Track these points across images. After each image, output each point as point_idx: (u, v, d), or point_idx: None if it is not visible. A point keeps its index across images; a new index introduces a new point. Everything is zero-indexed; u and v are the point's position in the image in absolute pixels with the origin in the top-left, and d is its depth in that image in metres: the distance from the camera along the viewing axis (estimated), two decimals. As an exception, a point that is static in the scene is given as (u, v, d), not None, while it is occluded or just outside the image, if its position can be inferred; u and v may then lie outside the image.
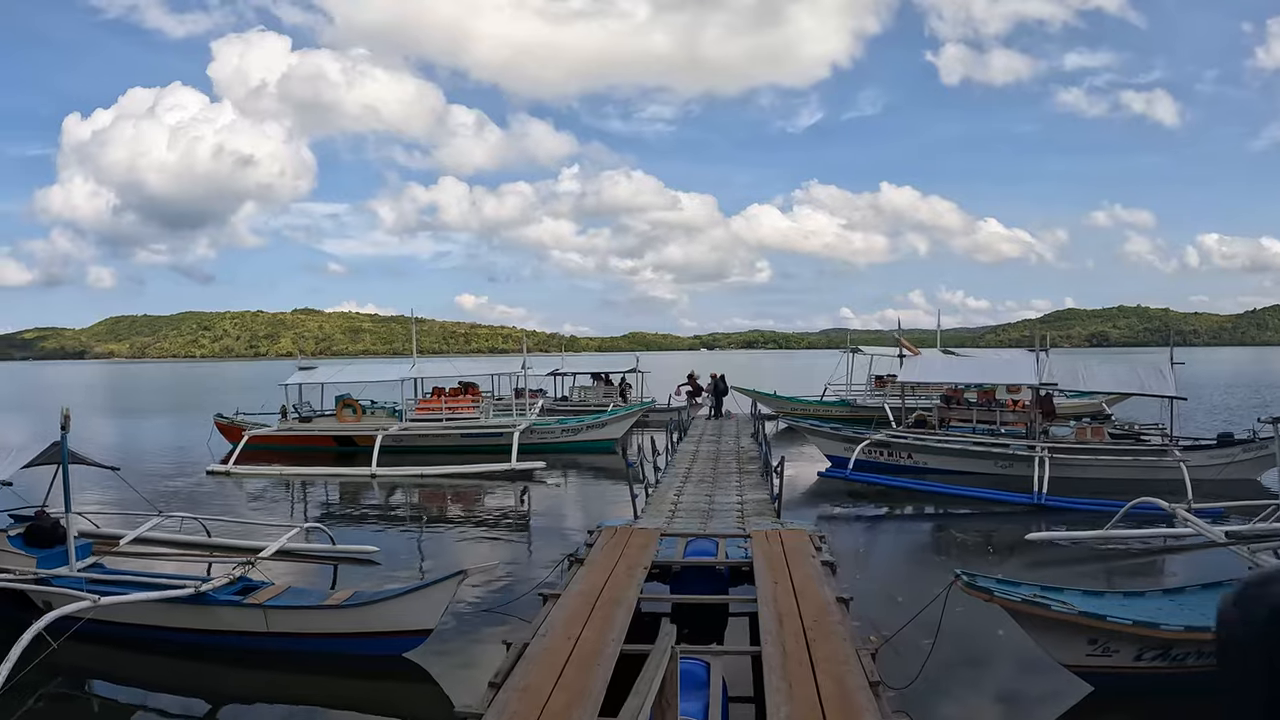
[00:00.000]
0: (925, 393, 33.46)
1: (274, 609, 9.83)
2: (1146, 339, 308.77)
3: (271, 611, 9.80)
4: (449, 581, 9.47)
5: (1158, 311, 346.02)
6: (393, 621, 9.60)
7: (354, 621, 9.73)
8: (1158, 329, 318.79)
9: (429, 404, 28.93)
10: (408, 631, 9.58)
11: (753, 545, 11.46)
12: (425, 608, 9.52)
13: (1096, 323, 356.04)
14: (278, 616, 9.81)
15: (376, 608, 9.67)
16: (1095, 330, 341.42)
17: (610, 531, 12.36)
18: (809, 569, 10.12)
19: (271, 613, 9.80)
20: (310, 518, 18.78)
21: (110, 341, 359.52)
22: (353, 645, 9.73)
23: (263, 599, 9.97)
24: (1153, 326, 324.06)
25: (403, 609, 9.57)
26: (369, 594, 10.19)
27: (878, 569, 13.59)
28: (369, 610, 9.69)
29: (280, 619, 9.81)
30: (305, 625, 9.82)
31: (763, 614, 8.41)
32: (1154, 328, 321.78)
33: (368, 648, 9.68)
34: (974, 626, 9.68)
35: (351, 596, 10.17)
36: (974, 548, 14.73)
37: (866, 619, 10.03)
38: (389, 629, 9.62)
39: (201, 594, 9.73)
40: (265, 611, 9.79)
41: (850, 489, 20.36)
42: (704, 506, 15.59)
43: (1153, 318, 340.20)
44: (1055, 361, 22.75)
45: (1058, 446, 20.60)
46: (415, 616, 9.54)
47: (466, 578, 9.51)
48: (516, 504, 20.81)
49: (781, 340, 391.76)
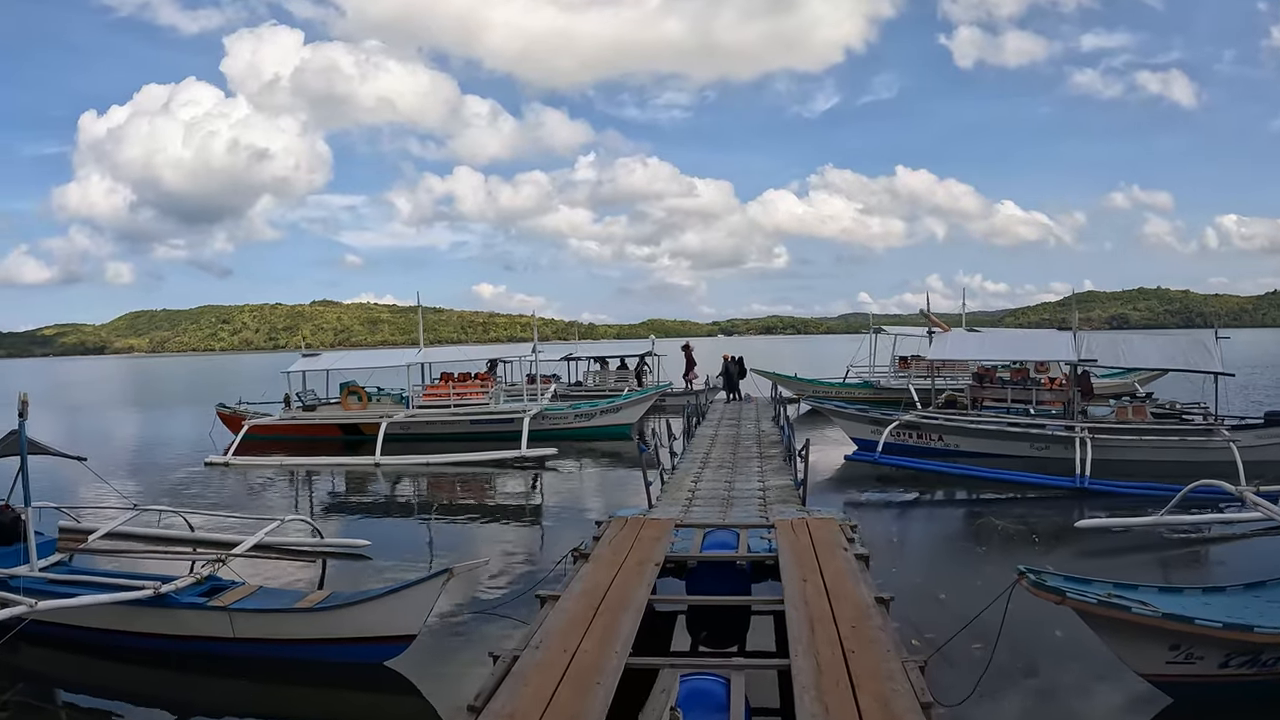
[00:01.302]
0: (950, 373, 32.32)
1: (240, 612, 8.89)
2: (1167, 321, 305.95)
3: (237, 615, 8.86)
4: (432, 582, 8.45)
5: (1178, 293, 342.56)
6: (370, 626, 8.60)
7: (327, 626, 8.74)
8: (1178, 311, 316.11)
9: (436, 390, 27.86)
10: (387, 638, 8.59)
11: (777, 536, 10.34)
12: (406, 611, 8.52)
13: (1116, 305, 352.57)
14: (244, 620, 8.86)
15: (352, 611, 8.68)
16: (1115, 312, 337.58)
17: (620, 523, 11.26)
18: (841, 563, 8.98)
19: (238, 616, 8.86)
20: (310, 510, 17.89)
21: (130, 336, 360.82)
22: (327, 652, 8.76)
23: (228, 601, 9.03)
24: (1173, 308, 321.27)
25: (381, 613, 8.57)
26: (345, 596, 9.21)
27: (915, 561, 12.39)
28: (344, 614, 8.70)
29: (247, 623, 8.86)
30: (274, 630, 8.87)
31: (791, 618, 7.27)
32: (1174, 310, 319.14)
33: (344, 655, 8.70)
34: (1027, 626, 8.51)
35: (327, 598, 9.20)
36: (1016, 536, 13.53)
37: (907, 621, 8.93)
38: (366, 635, 8.62)
39: (162, 596, 8.82)
40: (230, 615, 8.85)
41: (879, 473, 19.22)
42: (723, 494, 14.53)
43: (1173, 300, 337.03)
44: (1093, 337, 21.49)
45: (1099, 426, 19.36)
46: (396, 621, 8.55)
47: (452, 577, 8.45)
48: (524, 493, 19.80)
49: (800, 325, 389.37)
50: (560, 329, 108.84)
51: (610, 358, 40.85)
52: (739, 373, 36.04)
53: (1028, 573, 7.04)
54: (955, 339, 23.27)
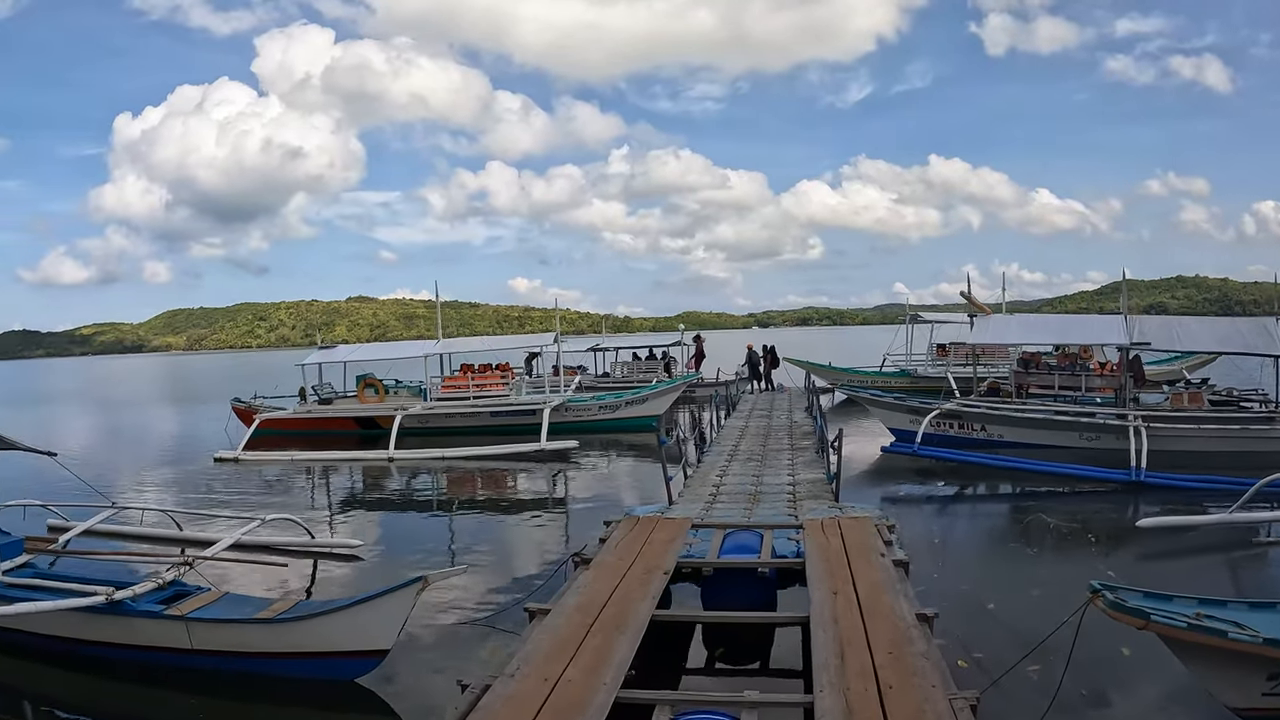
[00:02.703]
0: (991, 360, 30.96)
1: (198, 622, 8.01)
2: (1205, 309, 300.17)
3: (195, 625, 7.99)
4: (405, 592, 7.46)
5: (1216, 281, 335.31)
6: (338, 640, 7.66)
7: (292, 639, 7.83)
8: (1216, 299, 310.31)
9: (455, 381, 26.93)
10: (357, 652, 7.65)
11: (805, 539, 9.22)
12: (377, 624, 7.55)
13: (1154, 294, 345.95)
14: (203, 631, 7.99)
15: (317, 623, 7.74)
16: (1153, 301, 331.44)
17: (630, 523, 10.18)
18: (877, 572, 7.82)
19: (195, 626, 7.98)
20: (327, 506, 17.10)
21: (167, 335, 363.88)
22: (292, 667, 7.85)
23: (187, 610, 8.14)
24: (1211, 297, 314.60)
25: (350, 625, 7.61)
26: (311, 605, 8.32)
27: (959, 566, 11.09)
28: (308, 625, 7.76)
29: (205, 634, 7.99)
30: (235, 642, 7.98)
31: (818, 642, 6.13)
32: (1213, 298, 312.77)
33: (310, 670, 7.80)
34: (1089, 642, 7.35)
35: (292, 608, 8.26)
36: (1071, 536, 12.27)
37: (952, 636, 7.80)
38: (333, 649, 7.68)
39: (116, 603, 7.97)
40: (187, 624, 7.98)
41: (917, 466, 17.99)
42: (750, 489, 13.41)
43: (1211, 288, 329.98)
44: (1145, 320, 20.09)
45: (1155, 415, 18.01)
46: (366, 634, 7.59)
47: (427, 587, 7.48)
48: (540, 489, 18.81)
49: (836, 316, 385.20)
50: (595, 322, 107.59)
51: (639, 348, 39.92)
52: (772, 362, 34.98)
53: (1103, 591, 5.87)
54: (998, 323, 21.86)
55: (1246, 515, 12.12)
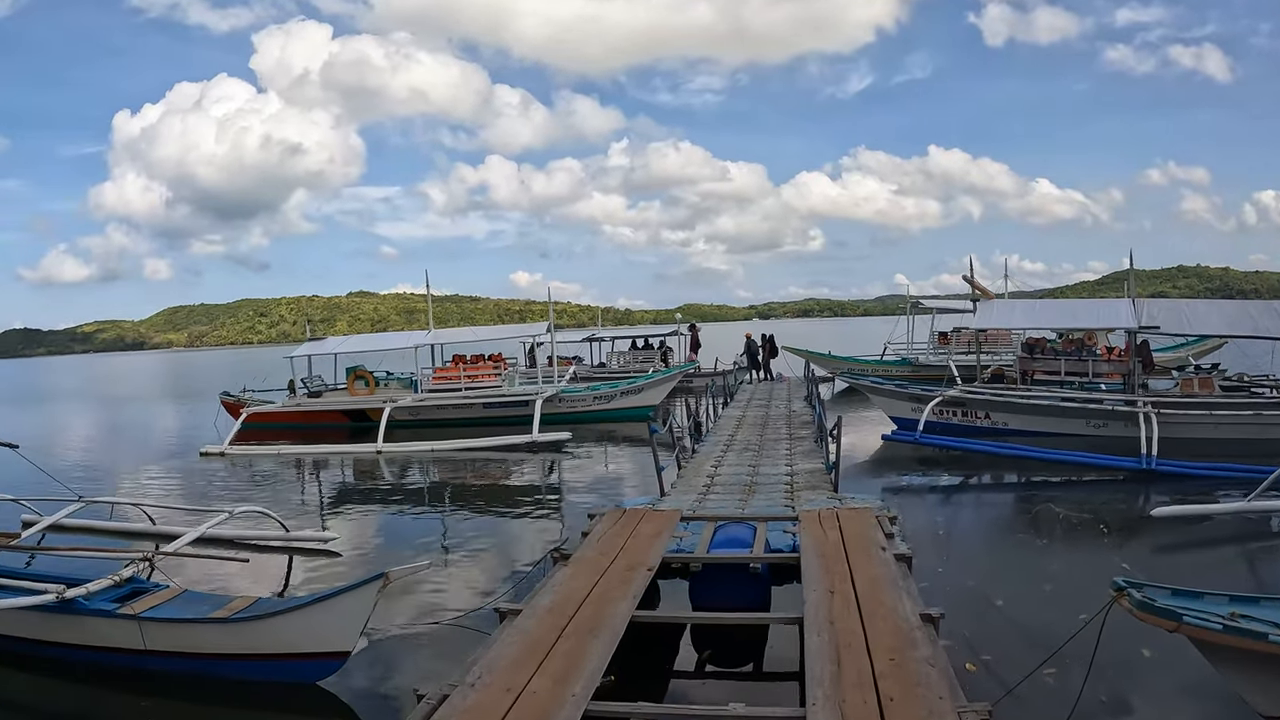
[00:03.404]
0: (993, 347, 30.41)
1: (151, 621, 7.50)
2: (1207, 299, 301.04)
3: (148, 624, 7.48)
4: (364, 590, 6.92)
5: (1217, 271, 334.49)
6: (296, 641, 7.13)
7: (247, 639, 7.31)
8: (1218, 289, 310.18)
9: (446, 372, 26.35)
10: (317, 654, 7.12)
11: (801, 532, 8.64)
12: (337, 624, 7.03)
13: (1156, 284, 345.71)
14: (156, 630, 7.48)
15: (274, 623, 7.21)
16: (1155, 291, 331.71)
17: (614, 516, 9.61)
18: (878, 567, 7.23)
19: (149, 625, 7.48)
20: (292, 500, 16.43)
21: (168, 331, 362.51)
22: (249, 669, 7.35)
23: (142, 608, 7.62)
24: (1213, 286, 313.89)
25: (308, 625, 7.09)
26: (268, 604, 7.74)
27: (965, 558, 10.49)
28: (265, 625, 7.24)
29: (159, 634, 7.49)
30: (189, 642, 7.47)
31: (811, 648, 5.52)
32: (1214, 288, 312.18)
33: (268, 673, 7.30)
34: (1106, 640, 6.84)
35: (249, 606, 7.71)
36: (1081, 526, 11.69)
37: (958, 636, 7.23)
38: (291, 650, 7.16)
39: (68, 601, 7.48)
40: (140, 624, 7.46)
41: (920, 455, 17.42)
42: (745, 479, 12.86)
43: (1212, 278, 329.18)
44: (1154, 302, 19.49)
45: (1166, 401, 17.42)
46: (325, 635, 7.07)
47: (388, 584, 6.92)
48: (530, 482, 18.22)
49: (837, 308, 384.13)
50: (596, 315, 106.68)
51: (636, 338, 39.39)
52: (770, 351, 34.42)
53: (1128, 589, 5.27)
54: (1002, 307, 21.23)
55: (1265, 504, 11.51)
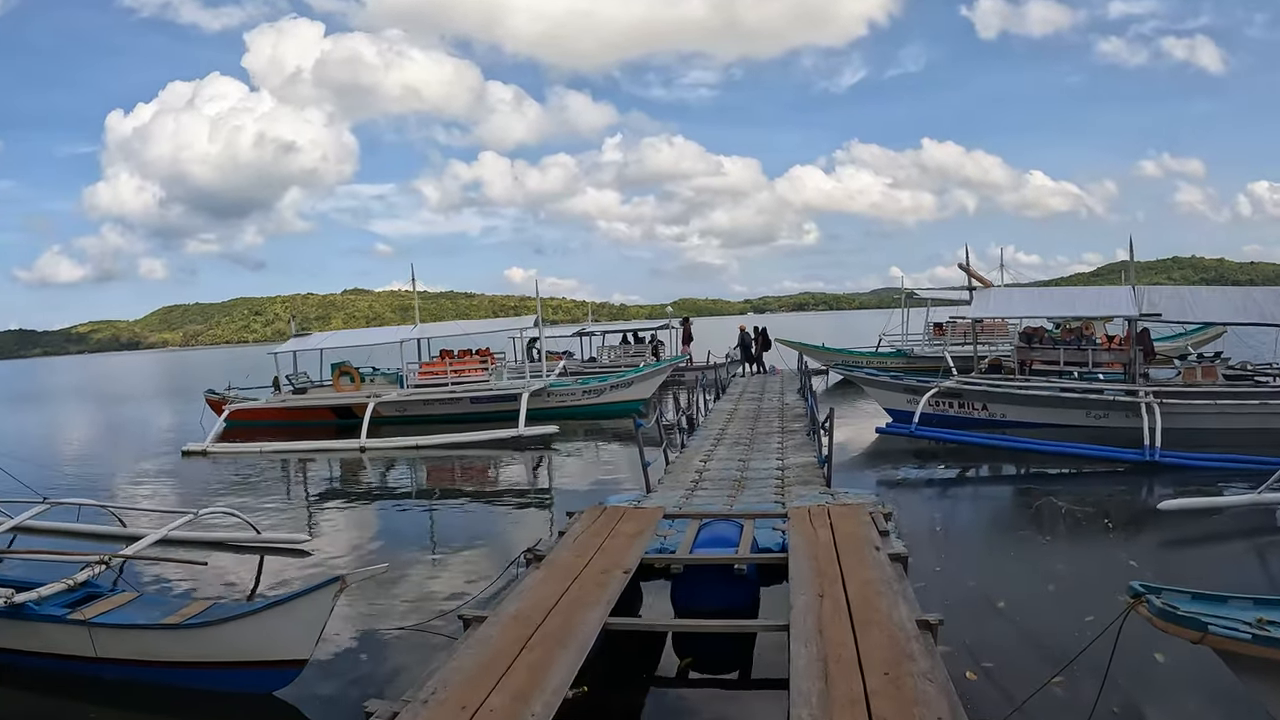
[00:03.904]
0: (989, 337, 29.90)
1: (102, 627, 7.07)
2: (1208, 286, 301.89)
3: (99, 630, 7.06)
4: (320, 594, 6.44)
5: (1212, 262, 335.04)
6: (249, 648, 6.68)
7: (199, 647, 6.86)
8: (1213, 280, 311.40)
9: (433, 367, 25.81)
10: (272, 662, 6.65)
11: (790, 530, 8.14)
12: (292, 630, 6.54)
13: (1151, 275, 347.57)
14: (107, 637, 7.05)
15: (225, 629, 6.76)
16: (1150, 282, 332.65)
17: (593, 514, 9.11)
18: (871, 569, 6.72)
19: (99, 631, 7.05)
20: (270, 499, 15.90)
21: (163, 331, 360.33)
22: (202, 678, 6.91)
23: (93, 614, 7.19)
24: (1208, 277, 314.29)
25: (261, 631, 6.62)
26: (223, 609, 7.28)
27: (964, 557, 9.92)
28: (216, 632, 6.79)
29: (109, 640, 7.06)
30: (139, 649, 7.03)
31: (798, 660, 4.99)
32: (1210, 278, 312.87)
33: (221, 682, 6.85)
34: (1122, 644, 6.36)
35: (203, 611, 7.26)
36: (1085, 521, 11.19)
37: (958, 642, 6.73)
38: (245, 658, 6.71)
39: (17, 606, 7.12)
40: (90, 630, 7.03)
41: (916, 448, 16.93)
42: (735, 475, 12.40)
43: (1208, 268, 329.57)
44: (1155, 289, 19.01)
45: (1168, 390, 16.95)
46: (280, 642, 6.60)
47: (345, 588, 6.46)
48: (514, 478, 17.69)
49: (832, 301, 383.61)
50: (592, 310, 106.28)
51: (627, 332, 38.91)
52: (763, 344, 33.93)
53: (1146, 595, 4.76)
54: (999, 296, 20.72)
55: (1275, 496, 11.07)
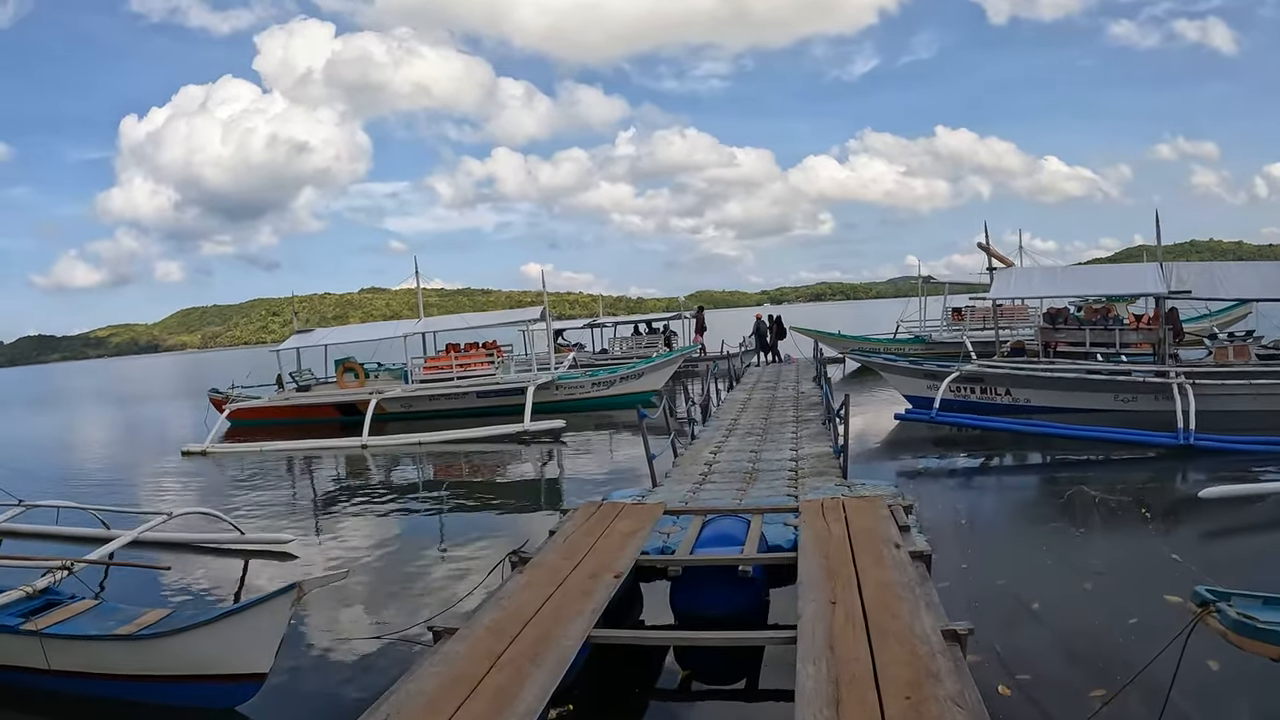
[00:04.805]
0: (1009, 322, 29.13)
1: (54, 638, 6.53)
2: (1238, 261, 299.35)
3: (51, 641, 6.52)
4: (275, 603, 5.92)
5: (1230, 245, 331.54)
6: (204, 660, 6.14)
7: (150, 659, 6.31)
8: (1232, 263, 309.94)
9: (438, 362, 25.21)
10: (228, 676, 6.11)
11: (801, 526, 7.45)
12: (249, 642, 6.01)
13: (1169, 258, 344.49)
14: (59, 648, 6.53)
15: (178, 640, 6.20)
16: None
17: (588, 510, 8.46)
18: (890, 569, 6.01)
19: (51, 643, 6.51)
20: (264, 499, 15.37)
21: (181, 333, 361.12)
22: (157, 692, 6.36)
23: (44, 624, 6.66)
24: (1227, 260, 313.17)
25: (216, 643, 6.07)
26: (178, 619, 6.67)
27: (991, 553, 9.20)
28: (169, 644, 6.23)
29: (62, 651, 6.53)
30: (92, 662, 6.50)
31: (806, 685, 4.25)
32: (1228, 262, 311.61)
33: (178, 696, 6.32)
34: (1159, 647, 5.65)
35: (160, 620, 6.69)
36: (1121, 510, 10.41)
37: (988, 649, 6.02)
38: (200, 671, 6.16)
39: None
40: (42, 641, 6.49)
41: (936, 436, 16.18)
42: (746, 466, 11.74)
43: (1226, 252, 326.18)
44: (1183, 265, 18.18)
45: (1200, 371, 16.15)
46: (236, 654, 6.07)
47: (302, 595, 5.94)
48: (518, 474, 17.03)
49: (849, 291, 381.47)
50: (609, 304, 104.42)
51: (639, 322, 38.30)
52: (778, 333, 33.20)
53: (1216, 603, 4.05)
54: (1020, 275, 19.82)
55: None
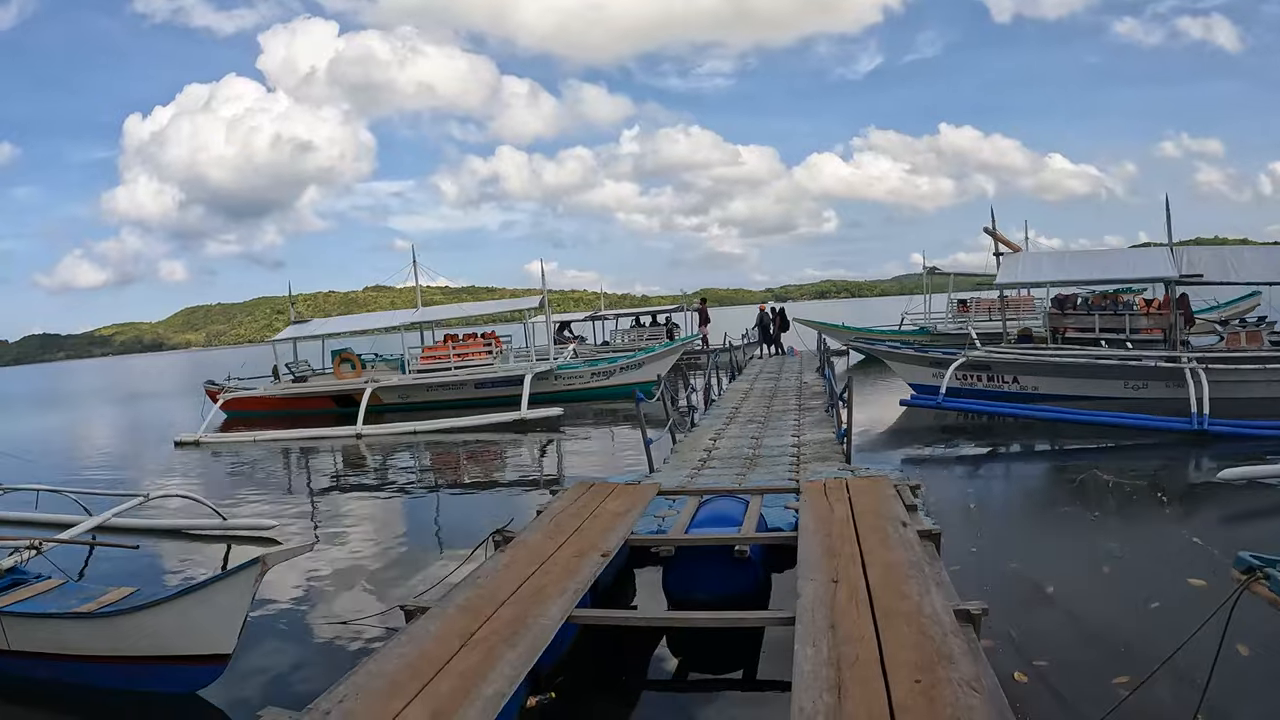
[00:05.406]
0: (1015, 313, 28.67)
1: (13, 616, 6.21)
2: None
3: (10, 620, 6.20)
4: (238, 579, 5.53)
5: (1235, 242, 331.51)
6: (166, 641, 5.75)
7: (109, 639, 5.94)
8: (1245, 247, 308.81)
9: (435, 351, 24.84)
10: (191, 657, 5.73)
11: (802, 505, 7.06)
12: (212, 621, 5.62)
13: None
14: (19, 628, 6.22)
15: (137, 619, 5.82)
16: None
17: (578, 490, 8.08)
18: (897, 549, 5.60)
19: (11, 621, 6.20)
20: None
21: (186, 332, 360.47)
22: (117, 674, 6.00)
23: (4, 603, 6.43)
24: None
25: (177, 622, 5.69)
26: (138, 597, 6.35)
27: (1002, 536, 8.82)
28: (127, 622, 5.85)
29: (21, 631, 6.20)
30: (52, 642, 6.16)
31: (804, 668, 3.87)
32: (1241, 246, 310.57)
33: (140, 679, 5.95)
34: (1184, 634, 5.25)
35: (121, 600, 6.36)
36: (1136, 495, 10.01)
37: (1002, 635, 5.63)
38: (161, 652, 5.78)
39: None
40: (2, 619, 6.18)
41: (943, 423, 15.79)
42: (746, 452, 11.35)
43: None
44: (1195, 250, 17.74)
45: (1213, 357, 15.73)
46: (199, 634, 5.68)
47: (265, 570, 5.56)
48: (514, 462, 16.58)
49: (854, 288, 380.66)
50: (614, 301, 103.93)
51: (641, 313, 37.97)
52: (781, 325, 32.77)
53: (1265, 570, 3.64)
54: (1028, 260, 19.35)
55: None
